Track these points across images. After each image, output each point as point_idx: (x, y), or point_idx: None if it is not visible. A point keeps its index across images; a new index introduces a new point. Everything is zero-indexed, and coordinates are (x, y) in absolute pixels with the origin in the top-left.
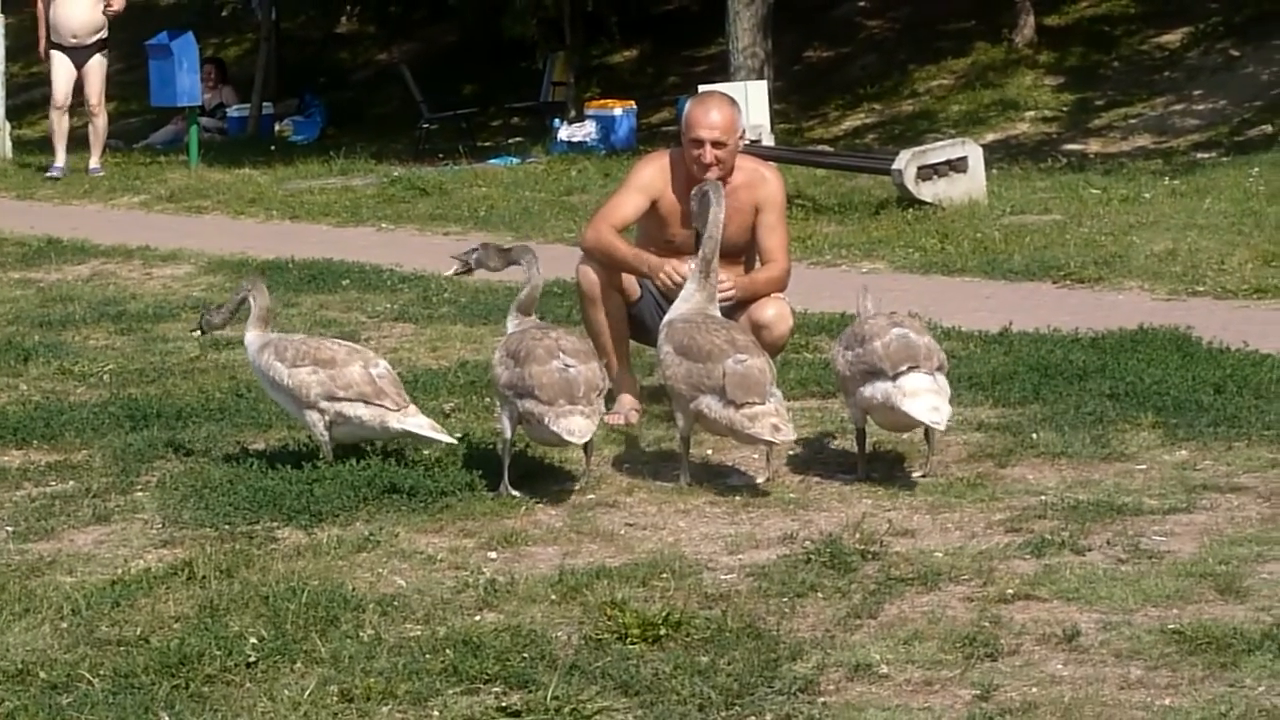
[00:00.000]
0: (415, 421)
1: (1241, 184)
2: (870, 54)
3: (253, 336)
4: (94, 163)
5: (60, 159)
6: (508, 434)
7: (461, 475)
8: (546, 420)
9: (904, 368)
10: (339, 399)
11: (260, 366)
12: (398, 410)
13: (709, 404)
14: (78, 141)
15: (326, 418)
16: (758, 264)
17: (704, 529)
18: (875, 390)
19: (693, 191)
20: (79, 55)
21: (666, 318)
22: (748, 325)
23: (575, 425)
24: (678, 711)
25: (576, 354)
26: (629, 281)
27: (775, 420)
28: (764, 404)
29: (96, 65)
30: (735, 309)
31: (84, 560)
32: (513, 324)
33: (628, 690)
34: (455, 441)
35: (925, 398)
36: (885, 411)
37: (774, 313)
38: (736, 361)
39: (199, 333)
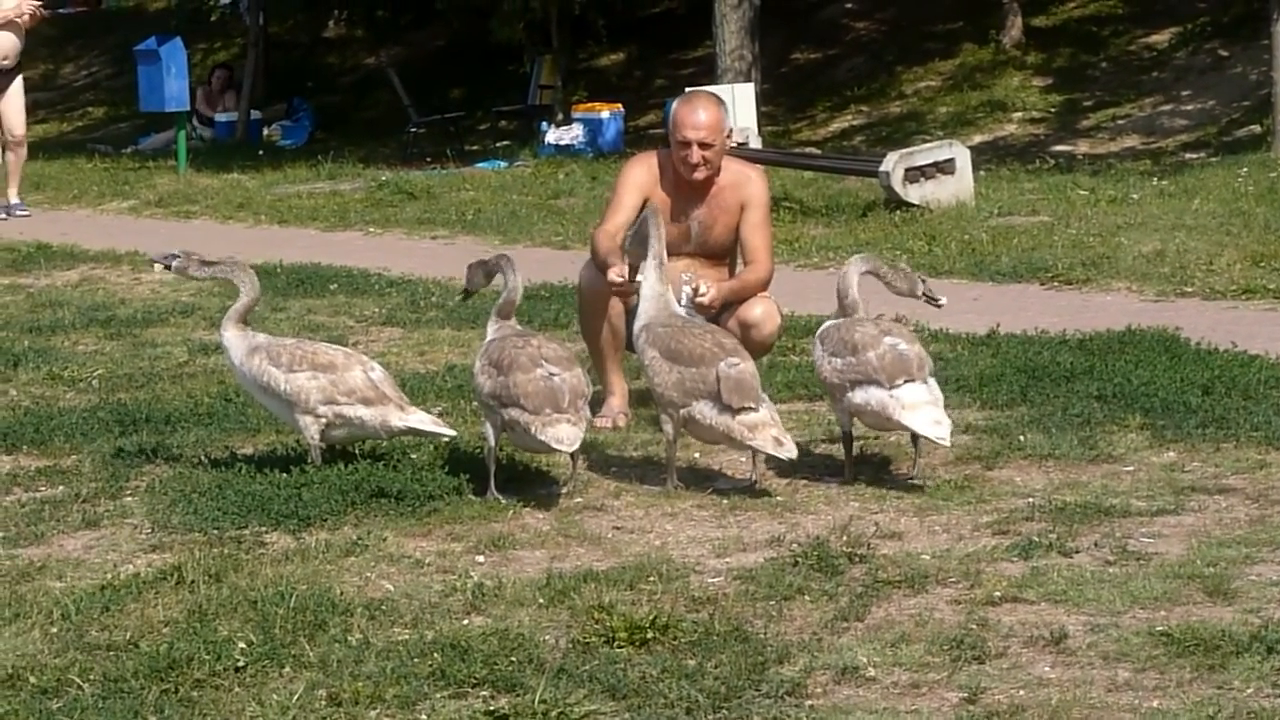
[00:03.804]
0: (418, 418)
1: (1230, 184)
2: (857, 55)
3: (234, 336)
4: (15, 197)
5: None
6: (491, 441)
7: (449, 479)
8: (533, 430)
9: (900, 381)
10: (339, 403)
11: (251, 372)
12: (400, 409)
13: (703, 410)
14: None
15: (322, 422)
16: (739, 264)
17: (691, 532)
18: (869, 396)
19: (632, 228)
20: None
21: (640, 322)
22: (736, 325)
23: (563, 433)
24: (665, 714)
25: (559, 361)
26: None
27: (775, 432)
28: (758, 410)
29: (17, 91)
30: (723, 309)
31: (73, 565)
32: (492, 329)
33: (615, 693)
34: (456, 434)
35: (925, 410)
36: (880, 419)
37: (762, 311)
38: (729, 365)
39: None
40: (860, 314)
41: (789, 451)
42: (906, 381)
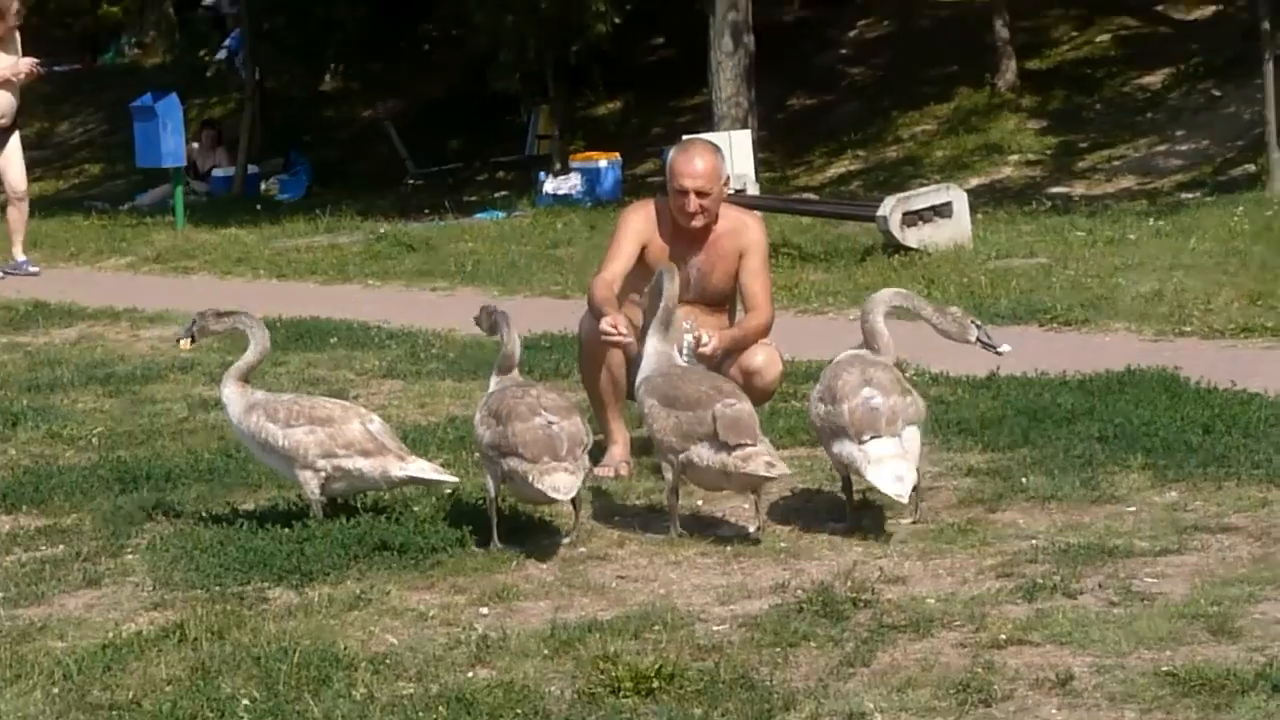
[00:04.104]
0: (418, 466)
1: (1226, 223)
2: (853, 101)
3: (233, 393)
4: (20, 254)
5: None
6: (493, 492)
7: (451, 532)
8: (531, 478)
9: (867, 435)
10: (338, 456)
11: (249, 429)
12: (399, 459)
13: (700, 453)
14: None
15: (322, 475)
16: (739, 311)
17: (695, 580)
18: (843, 449)
19: (651, 283)
20: None
21: (641, 376)
22: (738, 373)
23: (560, 482)
24: None
25: (558, 410)
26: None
27: (768, 457)
28: (755, 446)
29: (16, 148)
30: (725, 358)
31: (75, 624)
32: (494, 383)
33: None
34: (458, 481)
35: (890, 465)
36: (852, 471)
37: (764, 359)
38: (726, 405)
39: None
40: (880, 345)
41: (780, 470)
42: (873, 436)
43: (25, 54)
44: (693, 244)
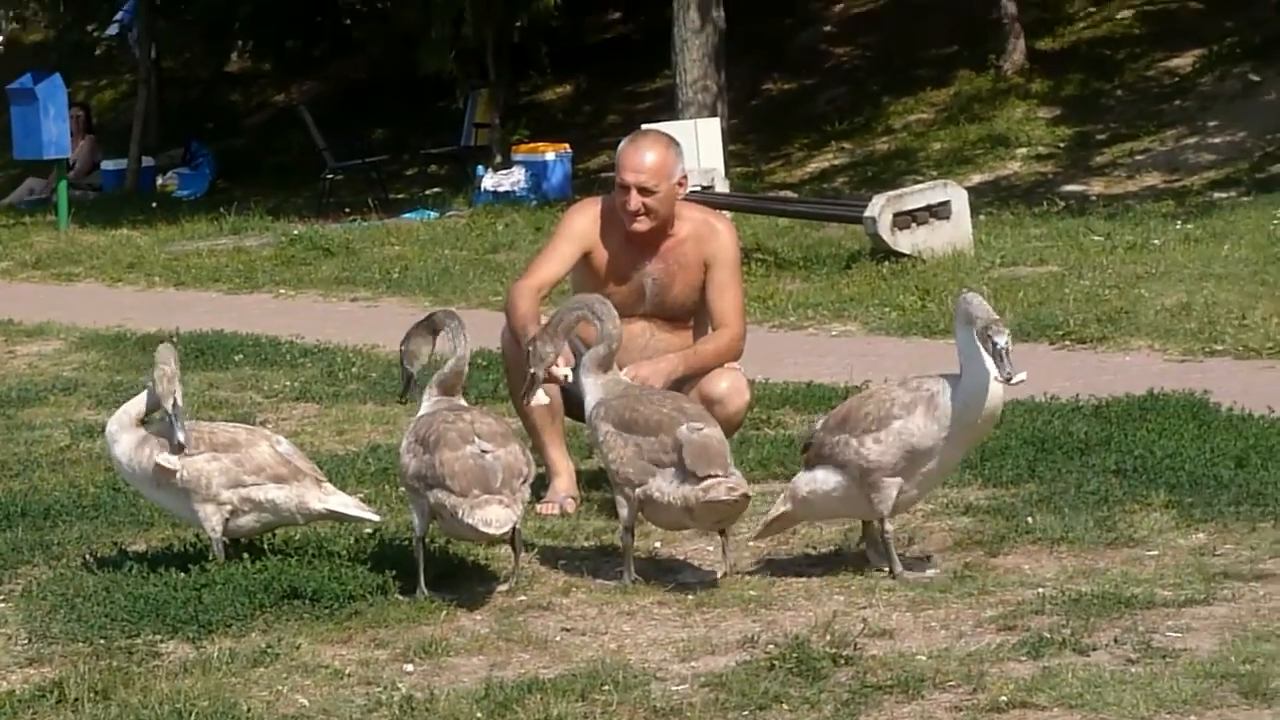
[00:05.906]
0: (339, 500)
1: (1264, 227)
2: (838, 85)
3: (124, 432)
4: None
5: None
6: (419, 530)
7: (372, 577)
8: (460, 513)
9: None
10: (246, 484)
11: (141, 466)
12: (317, 485)
13: (661, 486)
14: None
15: (226, 509)
16: (709, 329)
17: (652, 633)
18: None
19: (556, 317)
20: None
21: (592, 402)
22: (698, 400)
23: (493, 515)
24: None
25: (494, 437)
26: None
27: (730, 483)
28: (725, 476)
29: None
30: (684, 383)
31: None
32: (428, 404)
33: None
34: (381, 519)
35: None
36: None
37: (727, 386)
38: (692, 430)
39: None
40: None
41: (740, 489)
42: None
43: None
44: (646, 250)
